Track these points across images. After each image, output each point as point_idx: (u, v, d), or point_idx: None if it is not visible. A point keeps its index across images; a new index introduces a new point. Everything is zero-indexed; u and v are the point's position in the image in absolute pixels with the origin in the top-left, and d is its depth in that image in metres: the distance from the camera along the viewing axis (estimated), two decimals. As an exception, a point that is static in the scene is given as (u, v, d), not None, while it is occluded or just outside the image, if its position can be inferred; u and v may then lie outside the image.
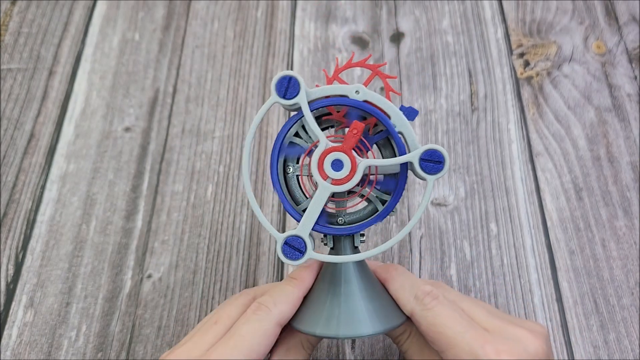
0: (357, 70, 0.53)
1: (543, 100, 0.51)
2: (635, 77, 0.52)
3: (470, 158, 0.49)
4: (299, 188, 0.33)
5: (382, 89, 0.52)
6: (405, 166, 0.31)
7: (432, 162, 0.30)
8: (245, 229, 0.46)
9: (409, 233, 0.45)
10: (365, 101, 0.32)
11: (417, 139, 0.31)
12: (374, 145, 0.33)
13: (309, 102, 0.31)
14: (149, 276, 0.44)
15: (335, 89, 0.31)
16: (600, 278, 0.43)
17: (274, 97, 0.31)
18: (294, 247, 0.31)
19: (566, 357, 0.40)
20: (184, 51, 0.55)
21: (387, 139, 0.33)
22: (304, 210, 0.32)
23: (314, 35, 0.55)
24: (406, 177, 0.32)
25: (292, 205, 0.32)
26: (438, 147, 0.30)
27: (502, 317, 0.32)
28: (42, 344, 0.41)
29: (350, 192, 0.33)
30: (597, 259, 0.44)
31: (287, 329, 0.34)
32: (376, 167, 0.32)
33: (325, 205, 0.31)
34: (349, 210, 0.33)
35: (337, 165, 0.31)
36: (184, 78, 0.53)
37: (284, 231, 0.33)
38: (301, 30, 0.56)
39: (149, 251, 0.45)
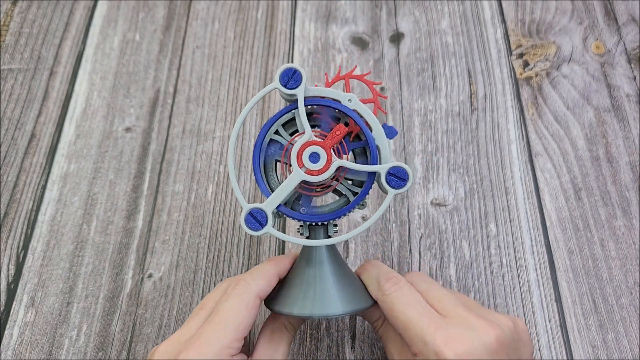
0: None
1: (542, 100, 0.52)
2: (634, 78, 0.52)
3: (469, 158, 0.49)
4: (274, 174, 0.35)
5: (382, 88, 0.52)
6: (373, 175, 0.34)
7: (397, 177, 0.33)
8: (245, 229, 0.46)
9: (409, 233, 0.46)
10: (354, 110, 0.34)
11: (391, 156, 0.34)
12: (351, 152, 0.35)
13: (305, 98, 0.34)
14: (150, 276, 0.44)
15: (331, 92, 0.34)
16: (599, 278, 0.44)
17: (276, 83, 0.33)
18: (256, 219, 0.33)
19: (565, 357, 0.41)
20: (185, 52, 0.55)
21: (363, 149, 0.35)
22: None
23: (314, 35, 0.56)
24: (372, 182, 0.34)
25: (266, 185, 0.34)
26: (405, 166, 0.33)
27: (469, 308, 0.32)
28: (43, 343, 0.42)
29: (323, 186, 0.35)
30: (596, 258, 0.44)
31: (270, 314, 0.36)
32: (346, 169, 0.34)
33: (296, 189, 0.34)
34: (321, 202, 0.35)
35: (314, 157, 0.33)
36: (184, 78, 0.53)
37: None
38: (301, 31, 0.56)
39: (149, 251, 0.45)
